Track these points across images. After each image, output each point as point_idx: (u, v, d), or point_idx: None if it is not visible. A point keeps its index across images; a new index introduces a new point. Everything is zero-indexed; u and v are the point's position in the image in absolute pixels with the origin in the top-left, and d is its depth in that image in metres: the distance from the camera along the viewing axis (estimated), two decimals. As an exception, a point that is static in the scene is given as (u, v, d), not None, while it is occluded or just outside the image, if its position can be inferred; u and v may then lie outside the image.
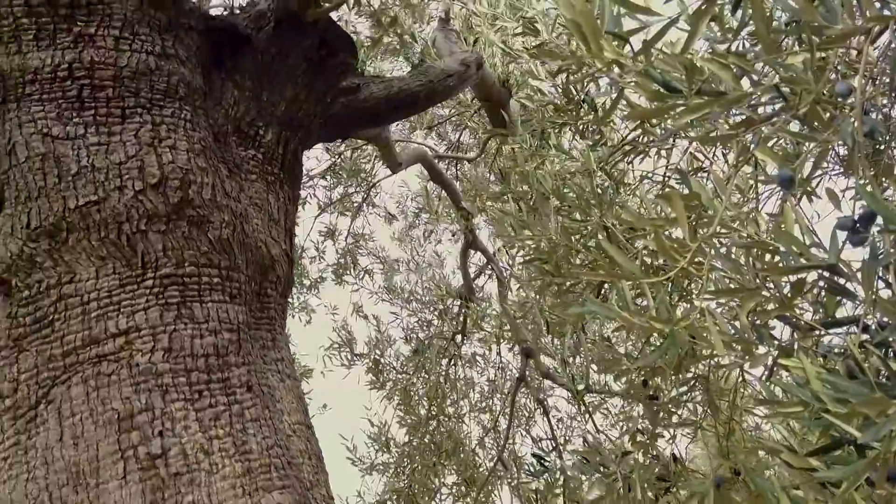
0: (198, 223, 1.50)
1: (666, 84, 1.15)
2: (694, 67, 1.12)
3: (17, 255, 1.38)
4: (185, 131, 1.55)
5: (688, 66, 1.12)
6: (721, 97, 1.09)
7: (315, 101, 1.95)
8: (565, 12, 1.11)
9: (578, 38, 1.12)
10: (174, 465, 1.29)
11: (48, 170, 1.39)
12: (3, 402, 1.33)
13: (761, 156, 1.29)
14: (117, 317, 1.38)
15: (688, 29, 1.10)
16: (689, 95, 1.11)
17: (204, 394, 1.40)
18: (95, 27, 1.46)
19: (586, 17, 1.09)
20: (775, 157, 1.23)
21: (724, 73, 1.11)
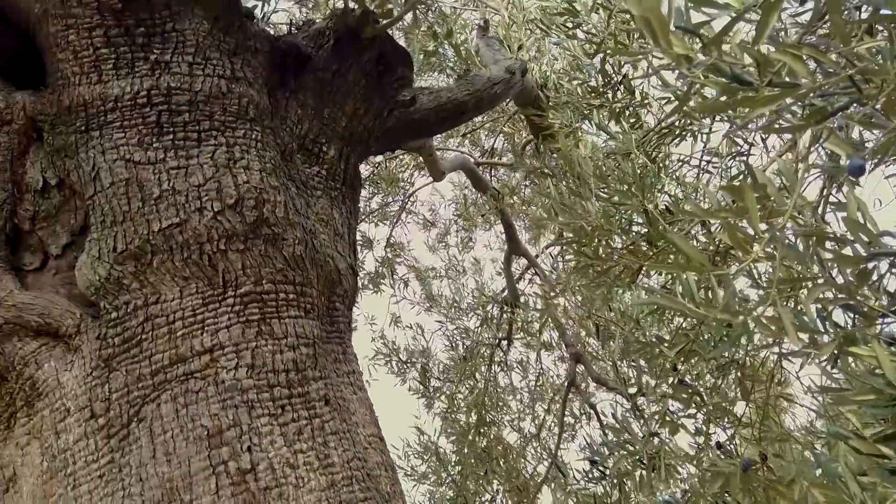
0: (273, 241, 1.54)
1: (736, 77, 1.14)
2: (766, 59, 1.11)
3: (105, 278, 1.42)
4: (257, 151, 1.58)
5: (759, 58, 1.11)
6: (794, 88, 1.08)
7: (373, 116, 1.97)
8: (632, 8, 1.11)
9: (647, 33, 1.12)
10: (263, 480, 1.32)
11: (132, 194, 1.44)
12: (96, 420, 1.37)
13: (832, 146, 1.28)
14: (202, 335, 1.42)
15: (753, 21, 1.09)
16: (761, 88, 1.10)
17: (286, 408, 1.43)
18: (170, 54, 1.51)
19: (655, 12, 1.09)
20: (846, 147, 1.20)
21: (797, 64, 1.09)
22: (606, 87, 2.92)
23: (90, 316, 1.46)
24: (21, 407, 1.45)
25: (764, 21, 1.08)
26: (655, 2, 1.08)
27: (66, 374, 1.41)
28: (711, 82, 1.16)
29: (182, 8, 1.55)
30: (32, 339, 1.43)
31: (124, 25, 1.47)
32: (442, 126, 2.70)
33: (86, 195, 1.47)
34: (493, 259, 6.18)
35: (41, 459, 1.40)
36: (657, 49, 1.13)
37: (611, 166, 2.70)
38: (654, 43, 1.12)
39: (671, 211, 2.24)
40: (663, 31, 1.10)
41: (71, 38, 1.48)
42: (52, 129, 1.52)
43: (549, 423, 5.12)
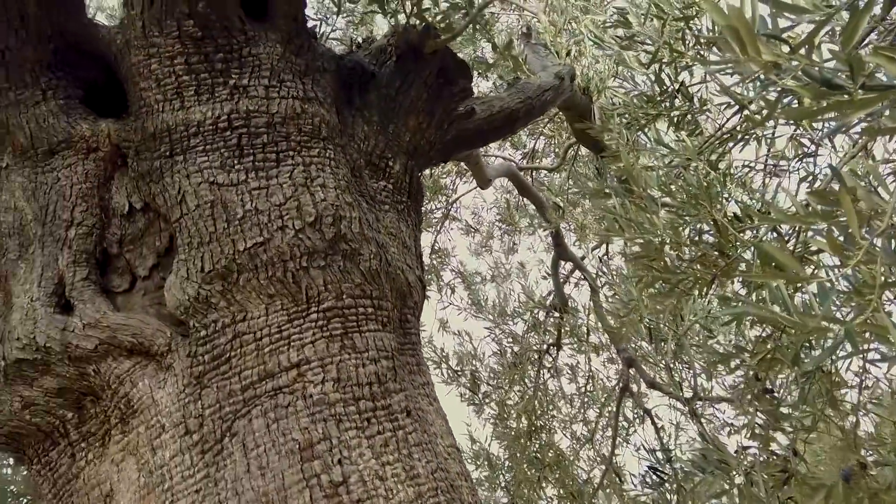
0: (350, 256, 1.56)
1: (827, 81, 1.12)
2: (859, 62, 1.09)
3: (194, 297, 1.47)
4: (331, 169, 1.62)
5: (852, 61, 1.10)
6: (890, 91, 1.06)
7: (435, 129, 2.00)
8: (718, 18, 1.10)
9: (734, 42, 1.11)
10: (355, 492, 1.34)
11: (217, 215, 1.48)
12: (190, 436, 1.41)
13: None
14: (288, 350, 1.45)
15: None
16: (854, 92, 1.09)
17: (372, 421, 1.45)
18: (248, 78, 1.55)
19: (741, 20, 1.09)
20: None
21: (892, 66, 1.07)
22: (664, 96, 2.90)
23: (179, 335, 1.50)
24: (115, 424, 1.51)
25: (853, 24, 1.07)
26: (740, 10, 1.07)
27: (159, 392, 1.45)
28: (801, 88, 1.15)
29: (256, 33, 1.59)
30: (126, 359, 1.48)
31: (204, 52, 1.52)
32: (496, 135, 2.71)
33: (172, 218, 1.52)
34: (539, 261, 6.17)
35: (138, 475, 1.44)
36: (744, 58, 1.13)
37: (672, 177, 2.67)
38: (742, 51, 1.11)
39: (739, 219, 2.21)
40: (751, 39, 1.09)
41: (153, 66, 1.53)
42: (136, 156, 1.58)
43: (601, 427, 5.07)
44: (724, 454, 2.42)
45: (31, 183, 1.62)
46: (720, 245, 2.18)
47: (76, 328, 1.48)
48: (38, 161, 1.61)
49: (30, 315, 1.53)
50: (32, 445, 1.57)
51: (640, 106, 2.95)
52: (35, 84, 1.58)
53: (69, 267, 1.55)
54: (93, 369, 1.48)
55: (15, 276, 1.62)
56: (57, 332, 1.49)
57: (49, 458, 1.56)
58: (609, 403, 5.08)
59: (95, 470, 1.50)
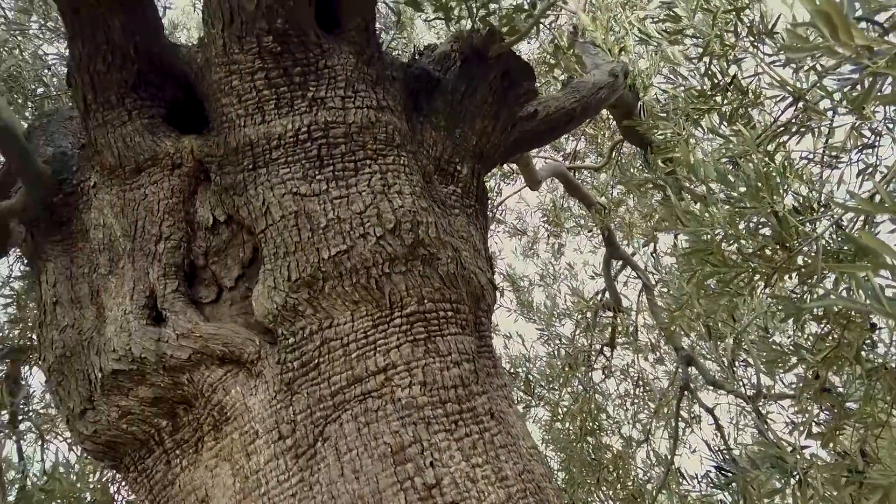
0: (429, 261, 1.58)
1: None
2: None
3: (282, 305, 1.51)
4: (406, 176, 1.64)
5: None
6: None
7: (500, 132, 2.01)
8: (807, 5, 1.09)
9: (826, 28, 1.09)
10: (449, 494, 1.35)
11: (301, 225, 1.52)
12: (284, 441, 1.44)
13: None
14: (375, 355, 1.47)
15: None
16: None
17: (459, 423, 1.46)
18: (325, 90, 1.59)
19: (832, 5, 1.07)
20: None
21: None
22: (715, 90, 2.86)
23: (267, 343, 1.54)
24: (208, 431, 1.55)
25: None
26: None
27: (251, 399, 1.49)
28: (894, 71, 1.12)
29: (331, 45, 1.63)
30: (218, 367, 1.52)
31: (283, 66, 1.56)
32: (552, 135, 2.71)
33: (257, 229, 1.57)
34: (585, 262, 6.12)
35: (233, 480, 1.48)
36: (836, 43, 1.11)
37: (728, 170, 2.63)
38: (833, 37, 1.10)
39: (799, 211, 2.17)
40: (843, 24, 1.08)
41: (234, 83, 1.58)
42: (219, 170, 1.63)
43: (657, 427, 4.99)
44: (782, 452, 2.36)
45: (120, 200, 1.68)
46: (781, 238, 2.14)
47: (170, 339, 1.53)
48: (126, 178, 1.67)
49: (124, 327, 1.58)
50: (129, 453, 1.63)
51: (691, 100, 2.91)
52: (121, 105, 1.64)
53: (160, 280, 1.60)
54: (186, 378, 1.53)
55: (106, 290, 1.68)
56: (152, 343, 1.54)
57: (145, 466, 1.62)
58: (665, 403, 5.00)
59: (190, 476, 1.55)
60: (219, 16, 1.55)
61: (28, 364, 4.12)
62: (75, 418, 1.65)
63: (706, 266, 2.37)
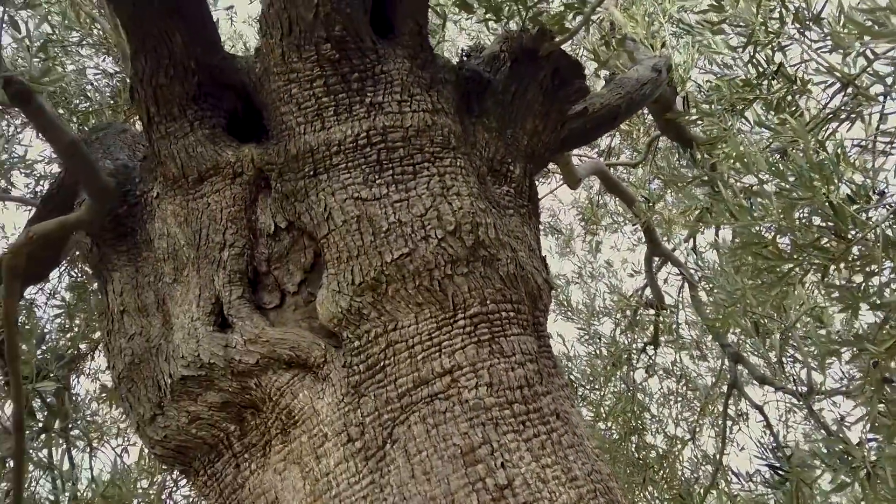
0: (489, 262, 1.59)
1: None
2: None
3: (347, 309, 1.52)
4: (463, 178, 1.65)
5: None
6: None
7: (551, 131, 2.00)
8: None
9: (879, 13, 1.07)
10: (521, 495, 1.35)
11: (363, 230, 1.53)
12: (353, 444, 1.46)
13: None
14: (440, 357, 1.48)
15: None
16: None
17: (526, 424, 1.46)
18: (381, 95, 1.60)
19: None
20: None
21: None
22: (761, 79, 2.81)
23: (332, 346, 1.56)
24: (275, 435, 1.58)
25: None
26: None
27: (319, 402, 1.51)
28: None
29: (386, 50, 1.64)
30: (285, 371, 1.55)
31: (341, 73, 1.58)
32: (597, 133, 2.69)
33: (319, 234, 1.59)
34: (623, 260, 6.05)
35: (303, 483, 1.50)
36: None
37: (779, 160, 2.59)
38: None
39: (853, 200, 2.12)
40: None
41: (293, 91, 1.60)
42: (280, 177, 1.65)
43: (704, 426, 4.92)
44: (849, 446, 2.31)
45: (183, 209, 1.72)
46: (837, 228, 2.09)
47: (238, 344, 1.56)
48: (189, 188, 1.70)
49: (192, 334, 1.62)
50: (199, 458, 1.66)
51: (736, 90, 2.87)
52: (182, 116, 1.68)
53: (225, 287, 1.63)
54: (254, 383, 1.56)
55: (172, 298, 1.72)
56: (220, 348, 1.57)
57: (214, 470, 1.65)
58: (711, 401, 4.93)
59: (259, 479, 1.58)
60: (277, 26, 1.58)
61: (76, 373, 4.23)
62: (145, 424, 1.69)
63: (758, 259, 2.33)
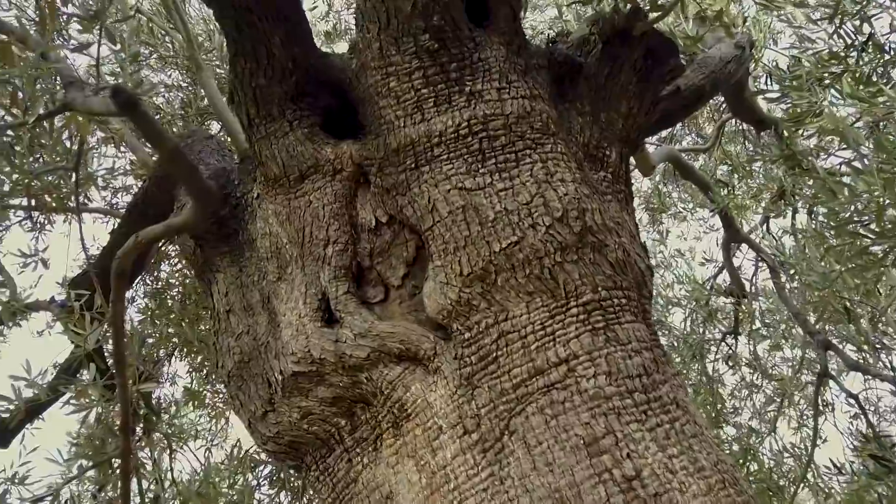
0: (598, 248, 1.54)
1: None
2: None
3: (456, 301, 1.51)
4: (566, 163, 1.61)
5: None
6: None
7: (645, 113, 1.94)
8: None
9: None
10: (651, 486, 1.31)
11: (469, 219, 1.51)
12: (469, 436, 1.44)
13: None
14: (554, 346, 1.45)
15: None
16: None
17: (649, 413, 1.41)
18: (481, 83, 1.58)
19: None
20: None
21: None
22: (848, 51, 2.67)
23: (441, 338, 1.55)
24: (386, 429, 1.57)
25: None
26: None
27: (432, 395, 1.50)
28: None
29: (483, 38, 1.62)
30: (396, 365, 1.54)
31: (440, 63, 1.57)
32: (683, 114, 2.61)
33: (423, 227, 1.58)
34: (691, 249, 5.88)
35: (419, 476, 1.49)
36: None
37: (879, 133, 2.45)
38: None
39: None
40: None
41: (392, 84, 1.60)
42: (379, 171, 1.65)
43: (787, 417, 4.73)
44: None
45: (285, 208, 1.74)
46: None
47: (347, 339, 1.57)
48: (290, 187, 1.72)
49: (300, 331, 1.63)
50: (310, 453, 1.68)
51: (822, 64, 2.73)
52: (281, 116, 1.70)
53: (331, 283, 1.64)
54: (365, 377, 1.56)
55: (277, 296, 1.74)
56: (330, 343, 1.58)
57: (326, 465, 1.66)
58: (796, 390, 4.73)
59: (372, 473, 1.58)
60: (374, 20, 1.58)
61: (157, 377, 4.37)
62: (257, 421, 1.72)
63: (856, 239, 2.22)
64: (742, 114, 4.05)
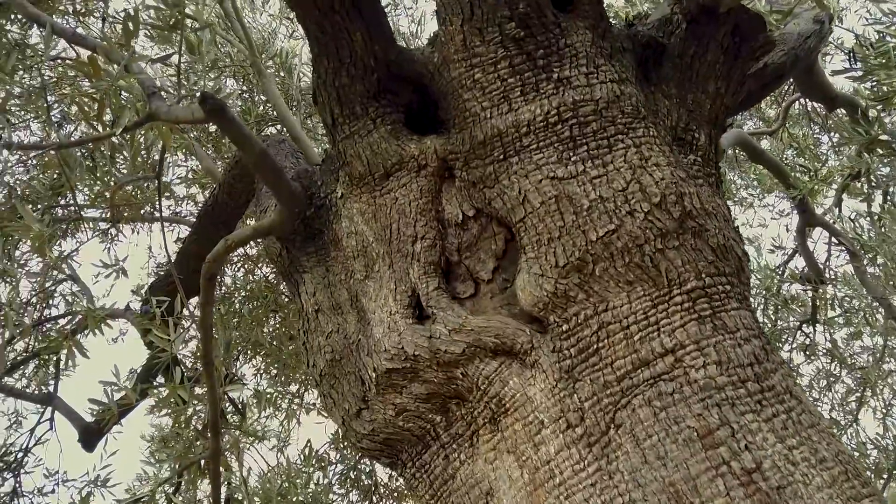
0: (699, 233, 1.49)
1: None
2: None
3: (552, 293, 1.48)
4: (659, 147, 1.56)
5: None
6: None
7: (733, 93, 1.87)
8: None
9: None
10: (773, 479, 1.25)
11: (563, 209, 1.48)
12: (573, 430, 1.41)
13: None
14: (659, 336, 1.40)
15: None
16: None
17: (763, 403, 1.35)
18: (568, 69, 1.55)
19: None
20: None
21: None
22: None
23: (537, 332, 1.52)
24: (483, 424, 1.55)
25: None
26: None
27: (531, 389, 1.47)
28: None
29: (568, 23, 1.58)
30: (491, 359, 1.52)
31: (526, 51, 1.54)
32: (763, 93, 2.51)
33: (514, 219, 1.55)
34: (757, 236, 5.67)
35: (520, 472, 1.47)
36: None
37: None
38: None
39: None
40: None
41: (476, 76, 1.58)
42: (465, 165, 1.63)
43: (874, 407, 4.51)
44: None
45: (370, 207, 1.74)
46: None
47: (441, 335, 1.55)
48: (375, 185, 1.72)
49: (392, 328, 1.63)
50: (406, 450, 1.67)
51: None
52: (364, 114, 1.70)
53: (421, 279, 1.63)
54: (460, 372, 1.54)
55: (365, 294, 1.74)
56: (424, 340, 1.57)
57: (423, 462, 1.65)
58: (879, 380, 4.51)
59: (470, 469, 1.56)
60: (457, 12, 1.56)
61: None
62: (351, 419, 1.73)
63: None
64: (812, 93, 3.88)
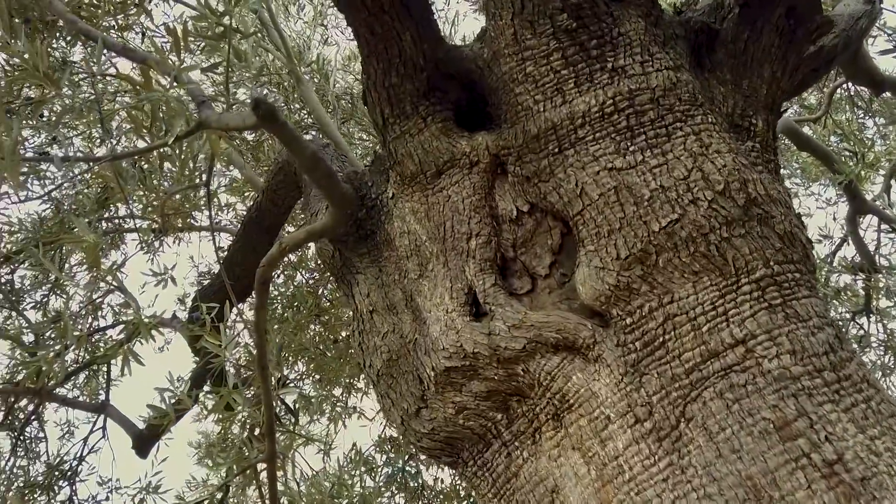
0: (764, 220, 1.45)
1: None
2: None
3: (615, 286, 1.45)
4: (719, 134, 1.53)
5: None
6: None
7: (789, 77, 1.82)
8: None
9: None
10: (855, 470, 1.21)
11: (623, 200, 1.46)
12: (642, 425, 1.38)
13: None
14: (728, 327, 1.37)
15: None
16: None
17: (841, 393, 1.31)
18: (622, 58, 1.53)
19: None
20: None
21: None
22: None
23: (599, 326, 1.50)
24: (545, 421, 1.53)
25: None
26: None
27: (596, 384, 1.45)
28: None
29: (620, 11, 1.56)
30: (553, 355, 1.50)
31: (579, 42, 1.52)
32: (815, 78, 2.43)
33: (571, 212, 1.53)
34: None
35: (587, 469, 1.44)
36: None
37: None
38: None
39: None
40: None
41: (528, 69, 1.56)
42: (518, 160, 1.62)
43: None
44: None
45: (422, 205, 1.74)
46: None
47: (501, 331, 1.54)
48: (427, 184, 1.72)
49: (450, 326, 1.62)
50: (467, 448, 1.66)
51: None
52: (415, 113, 1.70)
53: (477, 276, 1.62)
54: (521, 369, 1.53)
55: (420, 293, 1.74)
56: (483, 337, 1.56)
57: (484, 460, 1.64)
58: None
59: (534, 467, 1.54)
60: (508, 6, 1.55)
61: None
62: (410, 418, 1.72)
63: None
64: (857, 76, 3.76)
